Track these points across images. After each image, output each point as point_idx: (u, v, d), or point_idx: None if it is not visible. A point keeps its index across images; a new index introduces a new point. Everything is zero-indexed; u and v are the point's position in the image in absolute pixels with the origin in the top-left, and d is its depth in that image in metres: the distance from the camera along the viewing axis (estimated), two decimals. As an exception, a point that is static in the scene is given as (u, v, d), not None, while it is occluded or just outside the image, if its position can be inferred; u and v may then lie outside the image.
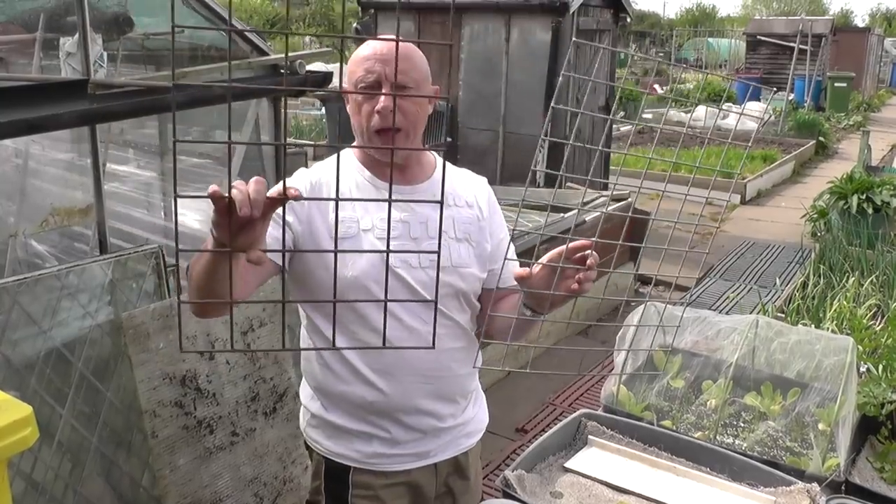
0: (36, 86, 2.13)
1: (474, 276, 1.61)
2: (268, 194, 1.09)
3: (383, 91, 1.45)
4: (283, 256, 1.23)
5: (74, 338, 2.21)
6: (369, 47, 1.49)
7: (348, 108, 1.54)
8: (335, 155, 1.63)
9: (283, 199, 1.05)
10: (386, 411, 1.57)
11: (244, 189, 1.07)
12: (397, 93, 1.48)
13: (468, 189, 1.66)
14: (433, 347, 1.07)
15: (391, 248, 1.50)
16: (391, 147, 0.92)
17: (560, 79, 1.29)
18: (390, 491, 1.61)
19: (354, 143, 1.53)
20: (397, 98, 1.45)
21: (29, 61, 2.71)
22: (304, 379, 1.69)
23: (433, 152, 1.70)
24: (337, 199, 0.80)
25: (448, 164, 1.68)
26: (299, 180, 1.56)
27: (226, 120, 0.67)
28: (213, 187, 1.07)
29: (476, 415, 1.73)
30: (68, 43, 2.46)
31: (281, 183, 1.01)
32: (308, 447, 1.70)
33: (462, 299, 1.60)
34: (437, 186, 1.58)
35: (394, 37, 1.48)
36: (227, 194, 1.06)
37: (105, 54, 2.50)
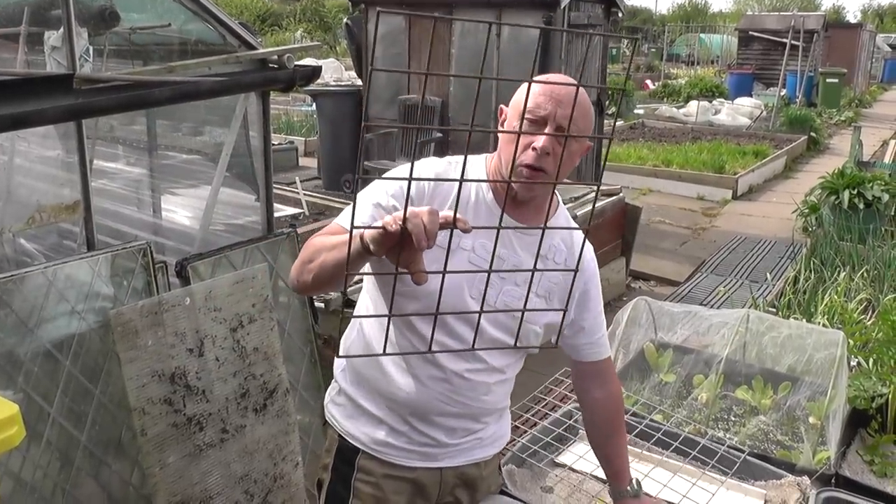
0: (20, 80, 2.10)
1: (535, 334, 1.59)
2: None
3: (547, 130, 1.42)
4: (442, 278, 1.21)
5: (62, 335, 2.19)
6: (546, 84, 1.46)
7: (501, 135, 1.51)
8: (472, 158, 1.58)
9: (449, 226, 1.10)
10: (404, 410, 1.58)
11: (420, 223, 1.10)
12: (556, 138, 1.43)
13: (568, 252, 1.60)
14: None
15: (476, 276, 1.49)
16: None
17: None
18: (392, 483, 1.62)
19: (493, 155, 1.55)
20: (554, 142, 1.42)
21: (13, 56, 2.68)
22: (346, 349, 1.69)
23: (563, 205, 1.67)
24: (461, 180, 0.79)
25: (565, 211, 1.65)
26: (427, 171, 1.52)
27: (215, 115, 0.66)
28: (390, 220, 1.13)
29: (496, 432, 1.72)
30: (53, 37, 2.44)
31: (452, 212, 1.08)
32: (326, 422, 1.73)
33: (509, 351, 1.60)
34: (546, 235, 1.51)
35: (572, 82, 1.45)
36: (400, 224, 1.10)
37: (91, 49, 2.47)
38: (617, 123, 13.11)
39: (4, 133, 2.59)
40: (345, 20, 7.88)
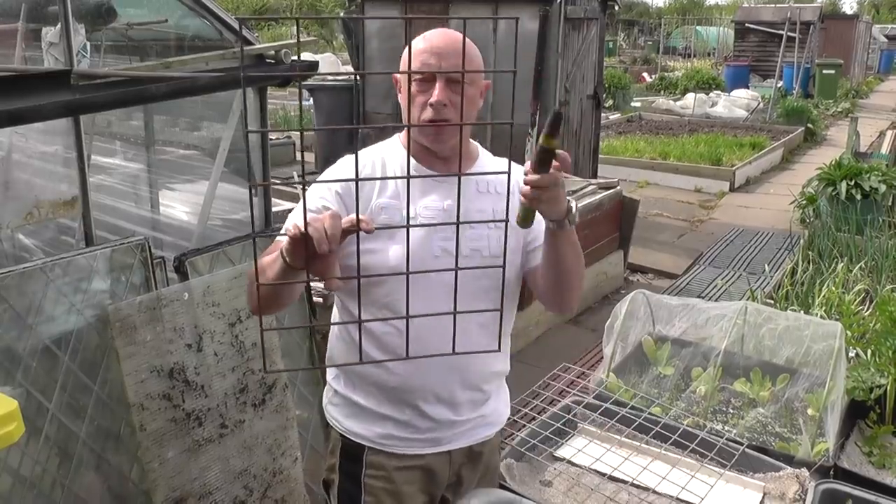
0: (18, 76, 2.09)
1: (511, 264, 1.60)
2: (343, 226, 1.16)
3: (437, 85, 1.46)
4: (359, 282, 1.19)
5: (61, 331, 2.19)
6: (425, 41, 1.49)
7: (399, 97, 1.55)
8: (382, 142, 1.62)
9: (355, 230, 1.12)
10: (404, 396, 1.58)
11: (321, 227, 1.13)
12: (449, 86, 1.47)
13: (501, 177, 1.65)
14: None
15: (433, 237, 1.52)
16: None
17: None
18: (403, 473, 1.62)
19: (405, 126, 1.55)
20: (449, 93, 1.46)
21: (11, 52, 2.67)
22: (329, 357, 1.72)
23: (477, 143, 1.71)
24: (357, 179, 0.80)
25: (486, 153, 1.68)
26: (343, 169, 1.56)
27: (212, 110, 0.66)
28: (291, 227, 1.18)
29: (496, 408, 1.72)
30: (51, 33, 2.42)
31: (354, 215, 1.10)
32: (328, 425, 1.73)
33: (491, 292, 1.58)
34: (487, 168, 1.62)
35: (446, 30, 1.48)
36: (303, 231, 1.13)
37: (88, 44, 2.47)
38: (613, 117, 13.12)
39: (1, 129, 2.58)
40: (341, 14, 7.86)
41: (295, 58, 2.84)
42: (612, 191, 5.30)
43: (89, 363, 2.25)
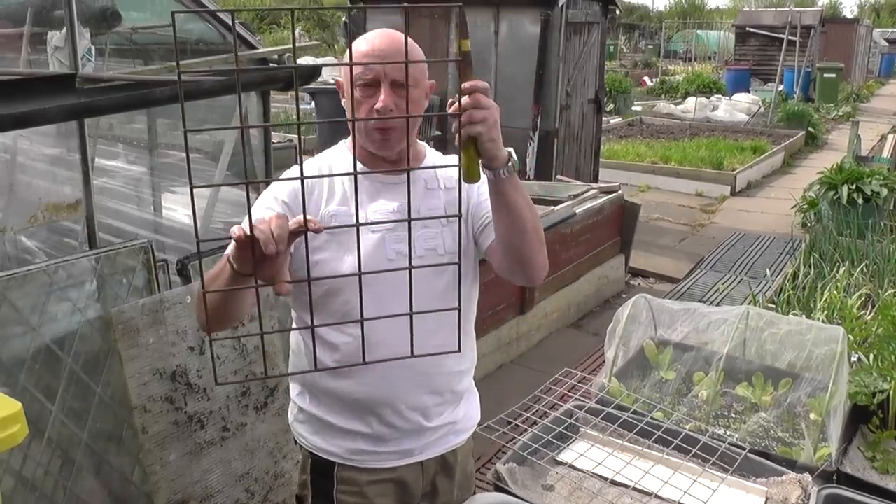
0: (23, 80, 2.11)
1: (467, 257, 1.59)
2: (290, 227, 1.14)
3: (382, 89, 1.44)
4: (309, 285, 1.17)
5: (64, 333, 2.19)
6: (367, 43, 1.48)
7: (343, 102, 1.52)
8: (328, 149, 1.63)
9: (303, 230, 1.11)
10: (372, 408, 1.55)
11: (267, 229, 1.11)
12: (394, 89, 1.46)
13: (454, 170, 1.63)
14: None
15: (386, 241, 1.51)
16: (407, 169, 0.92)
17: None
18: (375, 487, 1.60)
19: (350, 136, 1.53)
20: (395, 97, 1.44)
21: (16, 56, 2.69)
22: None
23: (423, 143, 1.70)
24: (301, 177, 0.80)
25: (434, 151, 1.68)
26: (289, 182, 1.54)
27: (215, 114, 0.66)
28: (236, 229, 1.15)
29: (467, 413, 1.71)
30: (56, 37, 2.44)
31: (301, 216, 1.09)
32: (296, 441, 1.70)
33: (448, 289, 1.55)
34: (424, 173, 1.58)
35: (389, 31, 1.48)
36: (248, 233, 1.11)
37: (93, 48, 2.48)
38: (614, 120, 13.13)
39: (7, 132, 2.59)
40: (343, 19, 7.88)
41: (299, 61, 2.85)
42: (613, 195, 5.30)
43: (92, 365, 2.25)
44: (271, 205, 1.51)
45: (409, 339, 1.13)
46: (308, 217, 1.11)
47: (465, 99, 1.23)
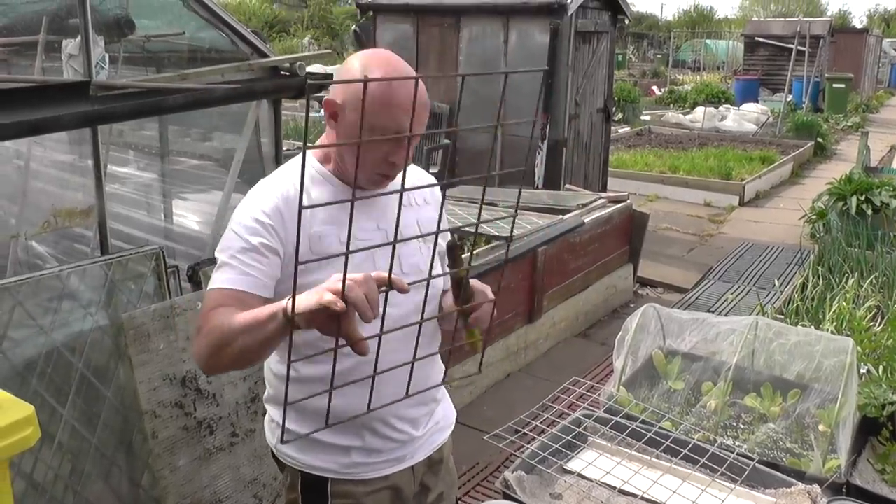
0: (38, 87, 2.13)
1: (439, 279, 1.60)
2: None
3: (402, 146, 1.43)
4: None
5: (75, 338, 2.21)
6: (400, 96, 1.42)
7: (343, 130, 1.46)
8: (289, 164, 1.56)
9: (387, 289, 1.11)
10: (365, 423, 1.54)
11: (362, 296, 1.10)
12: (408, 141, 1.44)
13: (424, 187, 1.66)
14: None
15: (375, 261, 1.48)
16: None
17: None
18: (371, 498, 1.60)
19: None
20: (410, 142, 1.42)
21: (31, 63, 2.71)
22: (270, 395, 1.65)
23: None
24: (301, 206, 0.80)
25: (411, 166, 1.66)
26: (270, 197, 1.48)
27: (226, 121, 0.67)
28: (328, 298, 1.11)
29: (445, 412, 1.74)
30: (70, 45, 2.46)
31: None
32: (278, 462, 1.66)
33: (434, 305, 1.58)
34: (398, 187, 1.57)
35: (412, 78, 1.42)
36: (341, 304, 1.09)
37: (106, 56, 2.50)
38: (622, 130, 13.13)
39: (21, 139, 2.62)
40: (353, 27, 7.92)
41: (309, 70, 2.87)
42: (621, 204, 5.30)
43: (102, 370, 2.27)
44: (261, 233, 1.45)
45: (404, 358, 1.16)
46: (393, 278, 1.13)
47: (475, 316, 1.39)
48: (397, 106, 1.41)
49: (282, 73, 2.79)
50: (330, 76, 2.85)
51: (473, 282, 1.46)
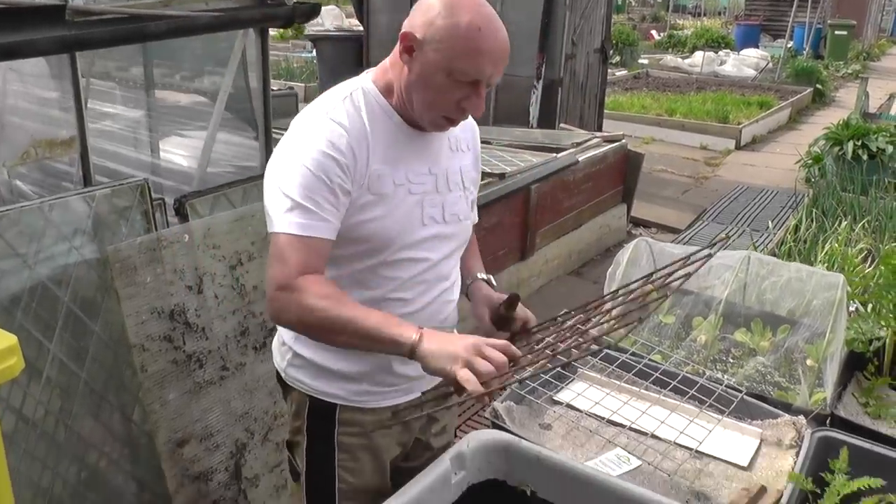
0: (10, 9, 2.04)
1: (468, 227, 1.68)
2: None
3: (478, 92, 1.42)
4: None
5: (60, 272, 2.18)
6: (489, 44, 1.39)
7: (418, 69, 1.41)
8: (349, 90, 1.51)
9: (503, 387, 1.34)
10: (381, 356, 1.52)
11: (491, 370, 1.24)
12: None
13: (466, 131, 1.65)
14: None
15: (424, 203, 1.52)
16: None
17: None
18: (378, 427, 1.60)
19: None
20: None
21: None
22: None
23: None
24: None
25: None
26: (339, 131, 1.42)
27: (213, 55, 0.62)
28: (464, 374, 1.24)
29: None
30: (46, -32, 2.37)
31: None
32: (285, 386, 1.66)
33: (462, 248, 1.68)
34: (449, 132, 1.57)
35: (501, 29, 1.44)
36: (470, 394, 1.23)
37: (85, -20, 2.42)
38: (619, 73, 12.95)
39: (-3, 66, 2.55)
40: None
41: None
42: (616, 144, 5.25)
43: (89, 304, 2.24)
44: (331, 166, 1.39)
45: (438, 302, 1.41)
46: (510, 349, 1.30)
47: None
48: (486, 53, 1.39)
49: (269, 1, 2.70)
50: (318, 6, 2.76)
51: (520, 308, 1.66)
